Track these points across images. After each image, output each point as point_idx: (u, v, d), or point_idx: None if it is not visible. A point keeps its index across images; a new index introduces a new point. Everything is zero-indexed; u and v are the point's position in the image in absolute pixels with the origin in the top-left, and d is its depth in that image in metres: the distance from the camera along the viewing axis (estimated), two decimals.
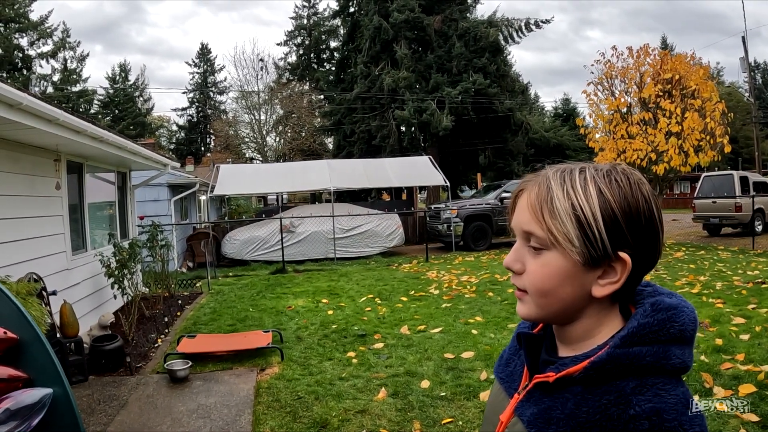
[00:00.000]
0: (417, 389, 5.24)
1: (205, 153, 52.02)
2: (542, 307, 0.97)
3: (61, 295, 6.45)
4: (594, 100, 16.14)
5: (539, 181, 0.97)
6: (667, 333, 0.91)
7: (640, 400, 0.86)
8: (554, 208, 0.92)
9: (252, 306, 9.70)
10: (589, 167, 0.96)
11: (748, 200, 17.43)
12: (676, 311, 0.93)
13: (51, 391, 2.64)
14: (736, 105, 37.61)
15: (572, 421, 0.90)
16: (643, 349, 0.89)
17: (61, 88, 40.72)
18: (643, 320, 0.91)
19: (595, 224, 0.90)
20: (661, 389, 0.87)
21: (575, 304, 0.95)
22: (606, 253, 0.91)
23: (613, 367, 0.89)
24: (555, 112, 48.81)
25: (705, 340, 6.11)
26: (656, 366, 0.89)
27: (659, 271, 11.30)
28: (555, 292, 0.94)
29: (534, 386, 1.00)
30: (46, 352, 2.70)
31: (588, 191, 0.92)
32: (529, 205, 0.96)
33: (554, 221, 0.92)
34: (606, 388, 0.89)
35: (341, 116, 31.18)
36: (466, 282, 11.04)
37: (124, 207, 10.51)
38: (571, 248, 0.91)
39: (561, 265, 0.93)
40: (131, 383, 5.82)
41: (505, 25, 29.39)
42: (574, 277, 0.93)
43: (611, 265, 0.92)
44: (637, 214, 0.91)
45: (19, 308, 2.77)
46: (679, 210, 33.68)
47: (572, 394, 0.92)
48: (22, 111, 4.70)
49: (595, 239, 0.90)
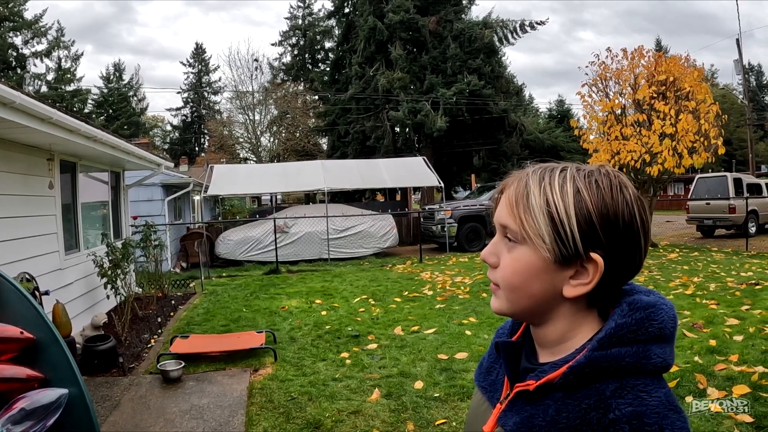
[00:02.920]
0: (411, 390, 5.24)
1: (199, 153, 51.97)
2: (512, 301, 0.97)
3: (54, 295, 6.42)
4: (588, 102, 16.19)
5: (519, 177, 0.98)
6: (646, 332, 0.89)
7: (620, 403, 0.84)
8: (529, 203, 0.92)
9: (245, 306, 9.68)
10: (571, 167, 0.96)
11: (742, 202, 17.49)
12: (655, 309, 0.92)
13: (67, 392, 2.63)
14: (730, 107, 37.81)
15: (553, 427, 0.88)
16: (623, 349, 0.88)
17: (55, 87, 40.57)
18: (621, 320, 0.90)
19: (567, 222, 0.90)
20: (642, 391, 0.86)
21: (545, 302, 0.95)
22: (577, 253, 0.90)
23: (592, 371, 0.88)
24: (549, 114, 48.92)
25: (699, 341, 6.13)
26: (637, 366, 0.87)
27: (653, 272, 11.33)
28: (524, 287, 0.94)
29: (515, 395, 0.98)
30: (63, 352, 2.70)
31: (565, 190, 0.91)
32: (507, 200, 0.97)
33: (527, 216, 0.92)
34: (585, 392, 0.88)
35: (336, 117, 31.17)
36: (460, 283, 11.04)
37: (117, 207, 10.47)
38: (542, 244, 0.91)
39: (531, 261, 0.93)
40: (124, 384, 5.80)
41: (499, 27, 29.41)
42: (543, 273, 0.93)
43: (583, 266, 0.91)
44: (614, 217, 0.90)
45: (35, 308, 2.77)
46: (673, 211, 33.76)
47: (553, 400, 0.91)
48: (15, 110, 4.68)
49: (567, 237, 0.90)
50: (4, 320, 2.69)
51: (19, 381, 2.60)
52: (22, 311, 2.75)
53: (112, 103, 49.10)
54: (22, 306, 2.77)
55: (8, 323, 2.68)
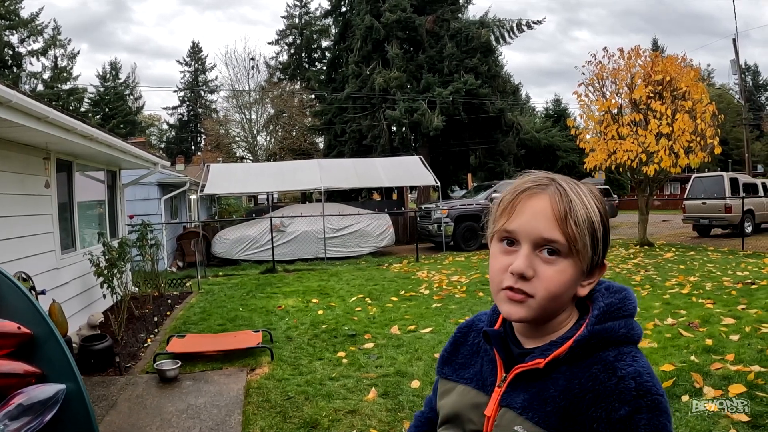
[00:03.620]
0: (407, 389, 5.24)
1: (195, 152, 51.92)
2: (546, 309, 1.05)
3: (50, 294, 6.42)
4: (585, 101, 16.21)
5: (554, 189, 1.05)
6: (627, 309, 1.07)
7: (623, 364, 1.00)
8: (578, 219, 1.02)
9: (242, 306, 9.67)
10: (579, 184, 1.09)
11: (738, 201, 17.52)
12: (627, 292, 1.10)
13: (64, 387, 2.63)
14: (726, 107, 37.85)
15: (568, 393, 1.01)
16: (615, 323, 1.05)
17: (52, 86, 40.43)
18: (608, 300, 1.07)
19: (599, 236, 1.05)
20: (635, 356, 1.02)
21: (566, 303, 1.08)
22: (599, 261, 1.07)
23: (596, 342, 1.03)
24: (546, 113, 48.81)
25: (695, 341, 6.14)
26: (627, 336, 1.04)
27: (650, 271, 11.36)
28: (563, 296, 1.05)
29: (515, 377, 1.09)
30: (60, 348, 2.70)
31: (593, 206, 1.05)
32: (553, 214, 1.02)
33: (578, 231, 1.02)
34: (591, 360, 1.03)
35: (332, 116, 31.13)
36: (457, 282, 11.05)
37: (113, 206, 10.45)
38: (585, 256, 1.04)
39: (574, 272, 1.04)
40: (120, 383, 5.79)
41: (496, 26, 29.42)
42: (578, 281, 1.06)
43: (595, 271, 1.08)
44: (607, 230, 1.08)
45: (33, 303, 2.77)
46: (669, 211, 33.85)
47: (560, 373, 1.04)
48: (11, 108, 4.66)
49: (599, 249, 1.05)
50: (2, 316, 2.70)
51: (17, 376, 2.59)
52: (20, 307, 2.76)
53: (108, 102, 48.96)
54: (19, 302, 2.77)
55: (6, 319, 2.68)
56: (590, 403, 0.98)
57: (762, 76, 64.59)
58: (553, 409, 1.01)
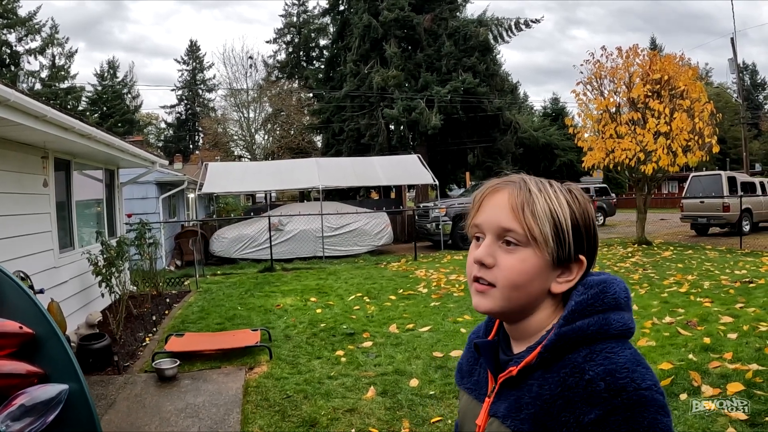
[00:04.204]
0: (406, 388, 5.24)
1: (193, 151, 51.85)
2: (510, 300, 1.06)
3: (49, 293, 6.41)
4: (583, 100, 16.23)
5: (516, 184, 1.09)
6: (602, 303, 1.03)
7: (591, 365, 0.96)
8: (536, 210, 1.04)
9: (240, 304, 9.67)
10: (551, 182, 1.11)
11: (736, 200, 17.54)
12: (606, 284, 1.06)
13: (67, 387, 2.62)
14: (724, 106, 37.87)
15: (539, 400, 1.00)
16: (585, 321, 1.01)
17: (50, 85, 40.40)
18: (579, 298, 1.04)
19: (566, 228, 1.05)
20: (609, 352, 0.98)
21: (537, 298, 1.07)
22: (569, 255, 1.06)
23: (563, 344, 1.01)
24: (544, 112, 48.90)
25: (693, 339, 6.15)
26: (601, 333, 1.00)
27: (648, 270, 11.38)
28: (526, 285, 1.05)
29: (500, 385, 1.10)
30: (63, 348, 2.69)
31: (561, 200, 1.06)
32: (510, 205, 1.06)
33: (535, 221, 1.04)
34: (561, 363, 1.00)
35: (330, 114, 31.13)
36: (455, 281, 11.05)
37: (111, 205, 10.44)
38: (546, 247, 1.04)
39: (536, 262, 1.04)
40: (119, 382, 5.79)
41: (494, 25, 29.45)
42: (543, 273, 1.05)
43: (568, 266, 1.07)
44: (589, 226, 1.08)
45: (35, 302, 2.75)
46: (667, 210, 33.87)
47: (534, 379, 1.03)
48: (9, 107, 4.66)
49: (565, 241, 1.05)
50: (3, 315, 2.68)
51: (19, 377, 2.58)
52: (21, 306, 2.74)
53: (106, 101, 48.92)
54: (21, 301, 2.75)
55: (7, 318, 2.66)
56: (561, 409, 0.97)
57: (760, 75, 64.68)
58: (526, 416, 1.02)
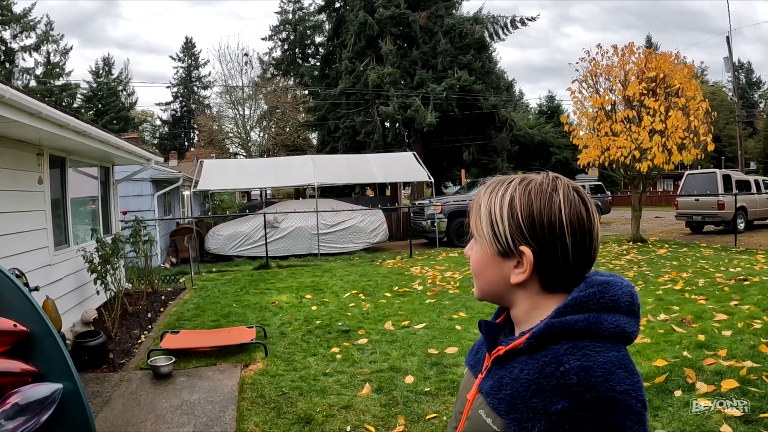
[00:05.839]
0: (401, 385, 5.25)
1: (188, 148, 51.82)
2: (482, 288, 1.20)
3: (44, 290, 6.38)
4: (578, 98, 16.25)
5: (481, 189, 1.21)
6: (598, 303, 1.06)
7: (569, 359, 1.01)
8: (479, 209, 1.17)
9: (236, 302, 9.66)
10: (519, 179, 1.15)
11: (731, 198, 17.59)
12: (608, 285, 1.09)
13: (61, 386, 2.60)
14: (719, 104, 37.97)
15: (517, 383, 1.06)
16: (575, 317, 1.05)
17: (44, 82, 40.26)
18: (576, 294, 1.08)
19: (501, 223, 1.12)
20: (591, 350, 1.01)
21: (501, 287, 1.16)
22: (509, 247, 1.11)
23: (549, 334, 1.05)
24: (539, 110, 48.93)
25: (688, 336, 6.17)
26: (588, 330, 1.04)
27: (642, 267, 11.41)
28: (482, 274, 1.18)
29: (491, 363, 1.16)
30: (57, 346, 2.67)
31: (503, 198, 1.13)
32: (473, 207, 1.21)
33: (478, 219, 1.17)
34: (544, 352, 1.05)
35: (326, 112, 31.11)
36: (450, 278, 11.07)
37: (107, 202, 10.42)
38: (483, 241, 1.15)
39: (484, 255, 1.16)
40: (114, 380, 5.79)
41: (490, 22, 29.44)
42: (492, 263, 1.15)
43: (521, 258, 1.10)
44: (539, 218, 1.08)
45: (30, 300, 2.74)
46: (662, 207, 33.97)
47: (519, 362, 1.09)
48: (4, 104, 4.64)
49: (500, 235, 1.12)
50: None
51: (13, 375, 2.57)
52: (16, 304, 2.72)
53: (101, 98, 48.83)
54: (15, 298, 2.74)
55: (2, 316, 2.65)
56: (533, 394, 1.01)
57: (755, 74, 64.92)
58: (504, 396, 1.07)
